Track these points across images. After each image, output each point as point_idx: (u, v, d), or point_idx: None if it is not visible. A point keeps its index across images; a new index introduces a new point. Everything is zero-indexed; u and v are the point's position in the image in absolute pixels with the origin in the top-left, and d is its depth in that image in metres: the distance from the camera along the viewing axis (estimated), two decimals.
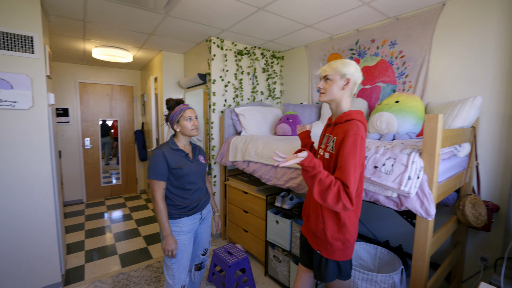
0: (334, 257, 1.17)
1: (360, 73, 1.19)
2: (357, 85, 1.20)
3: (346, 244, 1.15)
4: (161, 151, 1.45)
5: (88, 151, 4.43)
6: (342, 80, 1.17)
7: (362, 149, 1.06)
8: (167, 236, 1.41)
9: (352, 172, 1.00)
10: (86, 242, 2.95)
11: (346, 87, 1.17)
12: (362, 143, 1.05)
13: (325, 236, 1.15)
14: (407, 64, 2.13)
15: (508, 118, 1.65)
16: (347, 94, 1.19)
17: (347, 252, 1.18)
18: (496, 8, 1.67)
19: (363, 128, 1.10)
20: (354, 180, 1.00)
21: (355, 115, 1.13)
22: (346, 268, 1.21)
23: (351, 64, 1.17)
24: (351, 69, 1.16)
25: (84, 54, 3.56)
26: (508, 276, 1.27)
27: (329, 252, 1.17)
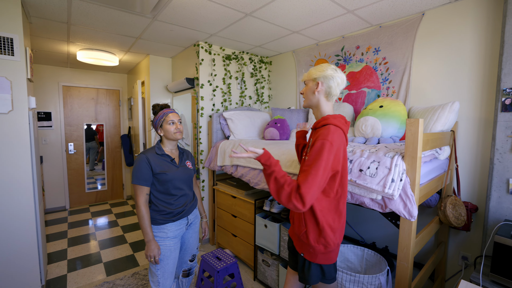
0: (316, 260, 1.17)
1: (337, 78, 1.15)
2: (333, 89, 1.16)
3: (328, 248, 1.14)
4: (145, 156, 1.44)
5: (72, 156, 4.30)
6: (314, 84, 1.18)
7: (329, 154, 1.02)
8: (149, 242, 1.39)
9: (312, 176, 0.98)
10: (68, 251, 2.84)
11: (317, 91, 1.17)
12: (330, 148, 1.02)
13: (308, 239, 1.16)
14: (390, 70, 2.21)
15: (483, 122, 1.73)
16: (323, 98, 1.18)
17: (329, 256, 1.18)
18: (470, 19, 1.76)
19: (338, 132, 1.08)
20: (312, 183, 0.98)
21: (332, 120, 1.12)
22: (330, 271, 1.21)
23: (325, 68, 1.17)
24: (323, 73, 1.16)
25: (68, 57, 3.47)
26: (486, 274, 1.32)
27: (312, 255, 1.17)
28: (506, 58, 1.51)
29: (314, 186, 0.98)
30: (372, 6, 1.92)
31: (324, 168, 1.01)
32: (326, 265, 1.19)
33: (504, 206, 1.55)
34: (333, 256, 1.19)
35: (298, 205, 0.98)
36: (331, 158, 1.03)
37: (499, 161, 1.56)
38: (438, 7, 1.91)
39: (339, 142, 1.06)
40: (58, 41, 2.80)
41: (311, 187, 0.98)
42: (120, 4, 1.94)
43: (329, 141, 1.03)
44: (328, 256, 1.18)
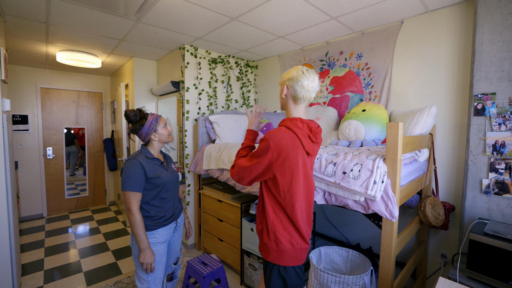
0: (270, 258, 1.14)
1: (304, 80, 1.12)
2: (299, 92, 1.13)
3: (279, 246, 1.12)
4: (138, 161, 1.39)
5: (50, 161, 4.11)
6: (282, 87, 1.19)
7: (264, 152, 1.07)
8: (145, 249, 1.35)
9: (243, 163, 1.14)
10: (45, 261, 2.71)
11: (283, 94, 1.18)
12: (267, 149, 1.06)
13: (262, 236, 1.17)
14: (372, 75, 2.28)
15: (459, 126, 1.83)
16: (291, 102, 1.17)
17: (283, 256, 1.13)
18: (445, 29, 1.86)
19: (286, 134, 1.07)
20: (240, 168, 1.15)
21: (287, 122, 1.12)
22: (290, 279, 1.14)
23: (292, 71, 1.16)
24: (288, 76, 1.15)
25: (47, 58, 3.35)
26: (462, 270, 1.38)
27: (266, 252, 1.16)
28: (477, 65, 1.60)
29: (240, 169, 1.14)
30: (354, 14, 1.98)
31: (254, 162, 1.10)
32: (284, 268, 1.14)
33: (478, 205, 1.63)
34: (287, 258, 1.13)
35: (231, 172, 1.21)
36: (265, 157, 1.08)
37: (473, 162, 1.64)
38: (415, 16, 2.00)
39: (280, 143, 1.05)
40: (36, 41, 2.70)
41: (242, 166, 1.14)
42: (102, 5, 1.90)
43: (266, 142, 1.07)
44: (282, 255, 1.13)
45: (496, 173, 1.56)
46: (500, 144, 1.54)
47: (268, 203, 1.15)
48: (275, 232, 1.13)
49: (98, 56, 3.26)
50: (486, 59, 1.57)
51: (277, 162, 1.07)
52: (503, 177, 1.54)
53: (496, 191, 1.56)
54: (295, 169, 1.09)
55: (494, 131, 1.56)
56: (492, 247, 1.25)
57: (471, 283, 1.29)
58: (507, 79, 1.51)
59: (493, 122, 1.56)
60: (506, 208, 1.54)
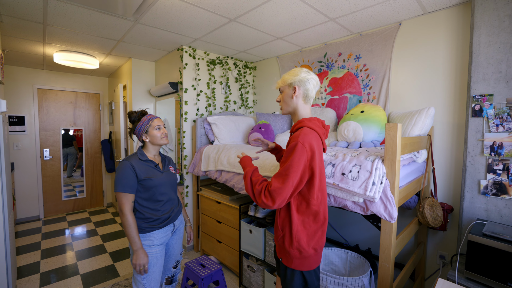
0: (292, 265, 1.14)
1: (312, 80, 1.17)
2: (311, 91, 1.18)
3: (303, 253, 1.11)
4: (130, 162, 1.40)
5: (47, 162, 4.08)
6: (290, 89, 1.19)
7: (301, 155, 1.03)
8: (137, 251, 1.34)
9: (283, 175, 1.03)
10: (42, 263, 2.68)
11: (294, 95, 1.18)
12: (302, 149, 1.03)
13: (284, 244, 1.15)
14: (371, 77, 2.29)
15: (457, 127, 1.83)
16: (301, 102, 1.19)
17: (307, 262, 1.14)
18: (442, 30, 1.87)
19: (313, 134, 1.08)
20: (282, 182, 1.02)
21: (307, 123, 1.12)
22: (311, 280, 1.17)
23: (299, 72, 1.18)
24: (298, 77, 1.16)
25: (44, 59, 3.33)
26: (461, 271, 1.38)
27: (288, 260, 1.15)
28: (475, 67, 1.61)
29: (284, 184, 1.02)
30: (352, 15, 1.99)
31: (295, 168, 1.03)
32: (307, 272, 1.15)
33: (476, 206, 1.63)
34: (311, 262, 1.15)
35: (267, 202, 1.03)
36: (303, 158, 1.04)
37: (471, 163, 1.65)
38: (413, 18, 2.01)
39: (312, 143, 1.06)
40: (33, 41, 2.68)
41: (281, 185, 1.02)
42: (100, 5, 1.89)
43: (301, 142, 1.04)
44: (305, 261, 1.14)
45: (494, 174, 1.56)
46: (498, 145, 1.55)
47: (295, 208, 1.12)
48: (299, 240, 1.11)
49: (96, 57, 3.25)
50: (484, 61, 1.58)
51: (312, 163, 1.07)
52: (501, 178, 1.54)
53: (494, 192, 1.57)
54: (321, 167, 1.13)
55: (491, 132, 1.57)
56: (491, 248, 1.25)
57: (470, 284, 1.29)
58: (504, 81, 1.52)
59: (490, 123, 1.57)
60: (504, 209, 1.54)
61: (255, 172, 1.15)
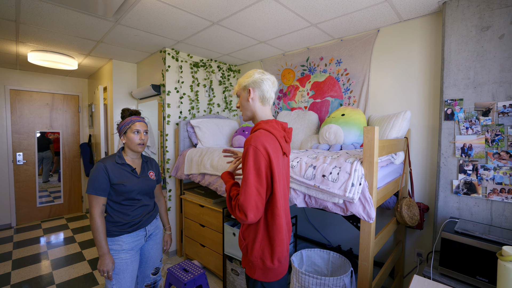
0: (255, 276, 1.08)
1: (268, 80, 1.12)
2: (267, 92, 1.12)
3: (266, 264, 1.05)
4: (103, 164, 1.36)
5: (20, 167, 3.87)
6: (245, 92, 1.14)
7: (255, 158, 0.98)
8: (103, 256, 1.31)
9: (246, 185, 0.98)
10: (13, 274, 2.52)
11: (250, 98, 1.13)
12: (255, 152, 0.98)
13: (247, 253, 1.10)
14: (351, 81, 2.36)
15: (431, 129, 1.92)
16: (258, 104, 1.14)
17: (269, 273, 1.08)
18: (417, 38, 1.97)
19: (266, 136, 1.03)
20: (247, 193, 0.97)
21: (263, 125, 1.07)
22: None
23: (253, 73, 1.13)
24: (251, 78, 1.12)
25: (18, 58, 3.17)
26: (436, 267, 1.44)
27: (251, 270, 1.10)
28: (446, 73, 1.70)
29: (251, 195, 0.97)
30: (333, 21, 2.05)
31: (255, 174, 0.98)
32: (267, 283, 1.09)
33: (450, 205, 1.72)
34: (274, 273, 1.08)
35: (241, 217, 0.99)
36: (260, 161, 0.98)
37: (444, 164, 1.73)
38: (391, 25, 2.09)
39: (265, 145, 1.00)
40: (4, 40, 2.55)
41: (247, 196, 0.97)
42: (78, 5, 1.83)
43: (253, 146, 0.99)
44: (268, 273, 1.08)
45: (465, 174, 1.65)
46: (468, 147, 1.64)
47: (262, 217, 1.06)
48: (263, 250, 1.05)
49: (74, 58, 3.14)
50: (454, 67, 1.68)
51: (271, 165, 1.01)
52: (471, 178, 1.63)
53: (465, 191, 1.66)
54: (279, 172, 1.05)
55: (462, 134, 1.66)
56: (462, 244, 1.32)
57: (443, 279, 1.35)
58: (472, 86, 1.62)
59: (461, 126, 1.66)
60: (474, 207, 1.63)
61: (233, 188, 1.11)
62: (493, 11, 1.54)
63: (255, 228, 1.08)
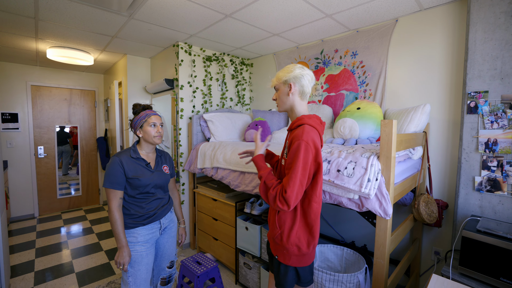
0: (290, 263, 1.16)
1: (307, 75, 1.16)
2: (306, 87, 1.17)
3: (302, 250, 1.14)
4: (119, 158, 1.38)
5: (41, 160, 4.04)
6: (286, 86, 1.18)
7: (306, 154, 1.04)
8: (121, 248, 1.34)
9: (293, 178, 1.03)
10: (36, 262, 2.65)
11: (291, 92, 1.17)
12: (306, 147, 1.04)
13: (281, 241, 1.15)
14: (367, 74, 2.28)
15: (452, 124, 1.84)
16: (297, 99, 1.18)
17: (303, 259, 1.16)
18: (439, 27, 1.87)
19: (313, 132, 1.09)
20: (294, 185, 1.02)
21: (306, 120, 1.13)
22: (305, 274, 1.20)
23: (293, 68, 1.17)
24: (293, 73, 1.16)
25: (37, 55, 3.27)
26: (455, 267, 1.38)
27: (285, 257, 1.16)
28: (470, 64, 1.61)
29: (296, 187, 1.02)
30: (349, 11, 1.97)
31: (303, 168, 1.04)
32: (301, 268, 1.18)
33: (471, 202, 1.64)
34: (308, 259, 1.18)
35: (283, 207, 1.04)
36: (309, 157, 1.05)
37: (466, 160, 1.65)
38: (410, 15, 2.00)
39: (315, 140, 1.07)
40: (25, 37, 2.63)
41: (294, 189, 1.02)
42: (94, 0, 1.85)
43: (305, 141, 1.05)
44: (302, 258, 1.16)
45: (489, 170, 1.57)
46: (493, 142, 1.55)
47: (299, 206, 1.14)
48: (299, 238, 1.13)
49: (90, 53, 3.21)
50: (479, 58, 1.58)
51: (318, 158, 1.09)
52: (495, 175, 1.55)
53: (488, 189, 1.58)
54: (322, 164, 1.13)
55: (486, 129, 1.57)
56: (484, 244, 1.26)
57: (463, 280, 1.29)
58: (499, 77, 1.52)
59: (485, 120, 1.57)
60: (498, 205, 1.55)
61: (269, 176, 1.14)
62: None
63: (292, 216, 1.14)
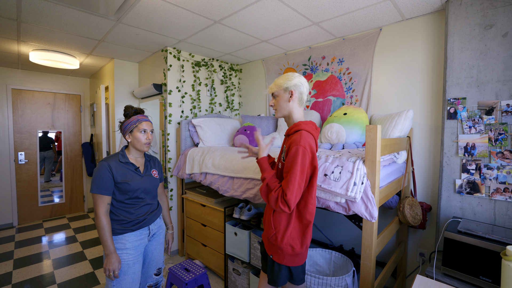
0: (284, 262, 1.21)
1: (305, 84, 1.25)
2: (304, 94, 1.26)
3: (296, 250, 1.19)
4: (107, 163, 1.35)
5: (22, 166, 3.88)
6: (286, 93, 1.24)
7: (303, 158, 1.11)
8: (109, 255, 1.30)
9: (292, 181, 1.09)
10: (14, 274, 2.53)
11: (291, 99, 1.24)
12: (304, 152, 1.11)
13: (276, 241, 1.20)
14: (353, 80, 2.35)
15: (434, 129, 1.91)
16: (296, 105, 1.26)
17: (297, 258, 1.22)
18: (420, 36, 1.96)
19: (310, 137, 1.15)
20: (293, 189, 1.08)
21: (303, 126, 1.19)
22: (297, 273, 1.25)
23: (293, 76, 1.25)
24: (293, 81, 1.23)
25: (19, 58, 3.17)
26: (438, 267, 1.43)
27: (280, 256, 1.21)
28: (449, 72, 1.69)
29: (295, 190, 1.09)
30: (335, 20, 2.04)
31: (301, 171, 1.10)
32: (294, 267, 1.23)
33: (452, 204, 1.70)
34: (301, 258, 1.23)
35: (284, 209, 1.10)
36: (306, 161, 1.11)
37: (447, 163, 1.72)
38: (393, 24, 2.08)
39: (311, 145, 1.14)
40: (6, 39, 2.55)
41: (293, 191, 1.09)
42: (80, 4, 1.83)
43: (302, 146, 1.11)
44: (295, 258, 1.21)
45: (468, 173, 1.64)
46: (471, 146, 1.62)
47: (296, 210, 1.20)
48: (294, 238, 1.18)
49: (76, 57, 3.14)
50: (457, 66, 1.66)
51: (314, 162, 1.15)
52: (474, 177, 1.62)
53: (468, 191, 1.64)
54: (317, 168, 1.19)
55: (465, 133, 1.64)
56: (465, 244, 1.31)
57: (446, 280, 1.34)
58: (475, 85, 1.60)
59: (464, 125, 1.65)
60: (477, 206, 1.62)
61: (273, 178, 1.19)
62: (496, 9, 1.52)
63: (287, 217, 1.20)
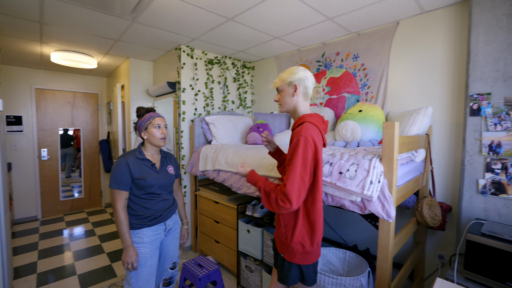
0: (295, 260, 1.18)
1: (310, 77, 1.22)
2: (310, 88, 1.23)
3: (306, 248, 1.16)
4: (125, 159, 1.39)
5: (45, 162, 4.06)
6: (290, 87, 1.22)
7: (305, 148, 1.06)
8: (127, 248, 1.35)
9: (292, 173, 1.04)
10: (39, 264, 2.66)
11: (295, 93, 1.22)
12: (305, 143, 1.06)
13: (286, 239, 1.18)
14: (369, 76, 2.28)
15: (455, 126, 1.82)
16: (301, 99, 1.23)
17: (308, 257, 1.19)
18: (440, 29, 1.87)
19: (313, 129, 1.11)
20: (294, 181, 1.03)
21: (307, 118, 1.16)
22: (309, 273, 1.21)
23: (297, 70, 1.22)
24: (297, 75, 1.20)
25: (42, 58, 3.31)
26: (460, 271, 1.37)
27: (290, 255, 1.19)
28: (473, 66, 1.61)
29: (296, 182, 1.03)
30: (350, 14, 1.98)
31: (303, 163, 1.06)
32: (305, 266, 1.20)
33: (475, 205, 1.63)
34: (312, 257, 1.20)
35: (285, 205, 1.04)
36: (308, 152, 1.06)
37: (469, 162, 1.64)
38: (411, 17, 2.00)
39: (314, 137, 1.09)
40: (30, 41, 2.67)
41: (293, 183, 1.03)
42: (97, 4, 1.88)
43: (304, 137, 1.07)
44: (306, 256, 1.18)
45: (493, 173, 1.56)
46: (496, 144, 1.54)
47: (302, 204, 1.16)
48: (303, 236, 1.15)
49: (94, 57, 3.24)
50: (481, 60, 1.58)
51: (317, 155, 1.10)
52: (499, 177, 1.54)
53: (492, 191, 1.56)
54: (321, 162, 1.14)
55: (490, 131, 1.56)
56: (489, 248, 1.24)
57: (468, 284, 1.28)
58: (502, 79, 1.51)
59: (488, 122, 1.56)
60: (503, 208, 1.53)
61: (266, 182, 1.15)
62: None
63: (295, 216, 1.16)
